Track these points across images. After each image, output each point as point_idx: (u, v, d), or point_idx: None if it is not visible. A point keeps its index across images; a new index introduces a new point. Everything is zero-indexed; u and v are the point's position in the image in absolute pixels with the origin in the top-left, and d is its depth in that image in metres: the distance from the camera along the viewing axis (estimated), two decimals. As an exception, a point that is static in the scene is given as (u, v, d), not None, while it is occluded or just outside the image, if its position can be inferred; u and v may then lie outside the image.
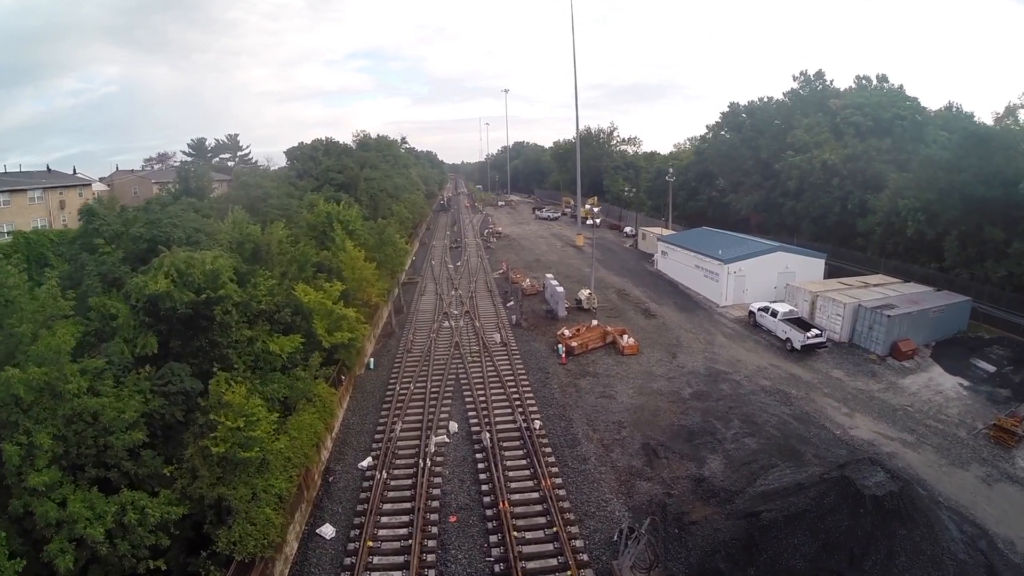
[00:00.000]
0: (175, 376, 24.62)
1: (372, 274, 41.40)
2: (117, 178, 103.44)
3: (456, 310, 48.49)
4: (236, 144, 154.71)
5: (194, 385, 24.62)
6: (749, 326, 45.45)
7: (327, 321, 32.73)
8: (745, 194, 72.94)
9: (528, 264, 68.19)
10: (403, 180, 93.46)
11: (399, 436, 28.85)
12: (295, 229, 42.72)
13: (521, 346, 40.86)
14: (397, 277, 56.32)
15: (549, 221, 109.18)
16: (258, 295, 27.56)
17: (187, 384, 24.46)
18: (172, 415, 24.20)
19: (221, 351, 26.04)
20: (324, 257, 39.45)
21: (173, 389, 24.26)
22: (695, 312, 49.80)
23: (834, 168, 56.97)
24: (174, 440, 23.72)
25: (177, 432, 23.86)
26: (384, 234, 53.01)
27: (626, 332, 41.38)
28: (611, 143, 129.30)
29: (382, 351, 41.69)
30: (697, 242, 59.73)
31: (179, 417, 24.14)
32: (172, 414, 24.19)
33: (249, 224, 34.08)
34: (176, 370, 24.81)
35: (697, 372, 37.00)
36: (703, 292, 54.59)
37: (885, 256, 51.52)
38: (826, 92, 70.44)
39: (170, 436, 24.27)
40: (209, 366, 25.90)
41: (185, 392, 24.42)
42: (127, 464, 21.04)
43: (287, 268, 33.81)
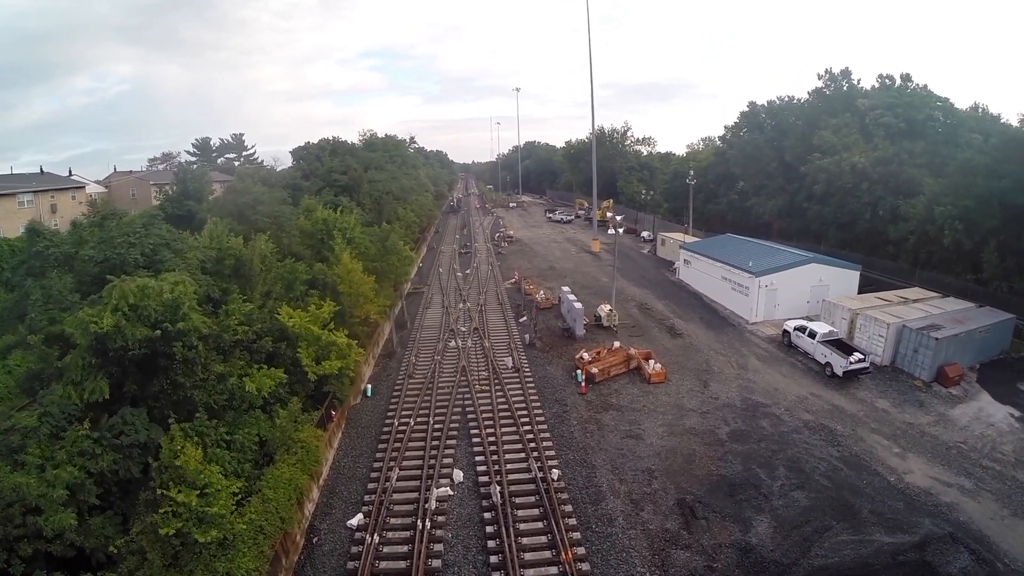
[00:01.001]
0: (128, 425, 20.95)
1: (371, 289, 37.60)
2: (114, 179, 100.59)
3: (464, 326, 44.53)
4: (241, 143, 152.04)
5: (153, 434, 20.96)
6: (783, 346, 41.42)
7: (315, 348, 28.91)
8: (768, 198, 69.36)
9: (541, 272, 64.14)
10: (410, 182, 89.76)
11: (395, 487, 24.92)
12: (288, 238, 39.02)
13: (535, 371, 36.81)
14: (401, 288, 52.47)
15: (562, 224, 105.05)
16: (231, 324, 23.75)
17: (142, 436, 20.77)
18: (127, 471, 20.56)
19: (186, 392, 22.26)
20: (318, 271, 35.68)
21: (127, 441, 20.60)
22: (724, 330, 45.58)
23: (864, 172, 53.42)
24: (134, 495, 20.16)
25: (139, 486, 20.27)
26: (387, 241, 49.27)
27: (652, 356, 37.25)
28: (625, 143, 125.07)
29: (381, 374, 37.81)
30: (723, 251, 55.44)
31: (135, 472, 20.50)
32: (127, 469, 20.55)
33: (230, 236, 30.39)
34: (130, 418, 21.12)
35: (733, 405, 32.86)
36: (731, 306, 50.38)
37: (918, 266, 48.24)
38: (853, 91, 66.47)
39: (129, 491, 20.69)
40: (172, 411, 22.22)
41: (141, 444, 20.76)
42: (72, 536, 17.52)
43: (272, 287, 30.00)
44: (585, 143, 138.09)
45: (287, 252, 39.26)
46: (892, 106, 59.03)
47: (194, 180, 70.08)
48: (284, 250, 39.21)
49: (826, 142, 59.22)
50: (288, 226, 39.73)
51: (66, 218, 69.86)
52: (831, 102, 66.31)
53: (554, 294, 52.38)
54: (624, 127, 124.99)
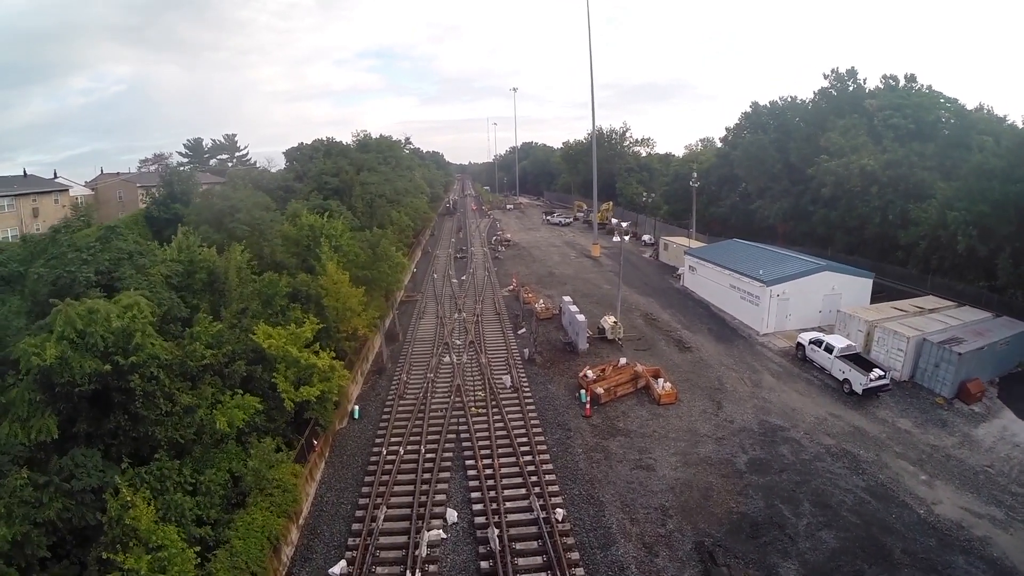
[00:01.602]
0: (80, 468, 18.46)
1: (359, 302, 35.10)
2: (101, 182, 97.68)
3: (459, 339, 41.98)
4: (234, 144, 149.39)
5: (109, 476, 18.49)
6: (797, 361, 39.24)
7: (294, 371, 26.40)
8: (773, 201, 67.38)
9: (540, 278, 61.66)
10: (405, 184, 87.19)
11: (382, 528, 22.41)
12: (270, 246, 36.50)
13: (536, 390, 34.30)
14: (393, 298, 49.98)
15: (561, 227, 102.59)
16: (197, 349, 21.23)
17: (94, 480, 18.28)
18: (81, 518, 18.10)
19: (147, 428, 19.75)
20: (301, 282, 33.14)
21: (79, 486, 18.11)
22: (734, 342, 43.23)
23: (873, 175, 51.55)
24: (95, 539, 17.82)
25: (96, 533, 17.88)
26: (378, 248, 46.80)
27: (660, 373, 34.86)
28: (624, 144, 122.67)
29: (370, 393, 35.26)
30: (730, 257, 53.08)
31: (90, 520, 18.04)
32: (81, 517, 18.08)
33: (201, 248, 27.88)
34: (81, 460, 18.62)
35: (749, 429, 30.49)
36: (740, 316, 48.04)
37: (930, 272, 46.40)
38: (860, 92, 64.22)
39: (88, 536, 18.28)
40: (132, 448, 19.76)
41: (95, 489, 18.29)
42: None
43: (247, 303, 27.44)
44: (583, 144, 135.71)
45: (269, 262, 36.76)
46: (901, 107, 57.09)
47: (181, 182, 67.88)
48: (266, 259, 36.72)
49: (834, 144, 57.17)
50: (270, 233, 37.12)
51: (48, 222, 67.45)
52: (838, 103, 64.35)
53: (554, 303, 49.94)
54: (623, 127, 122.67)
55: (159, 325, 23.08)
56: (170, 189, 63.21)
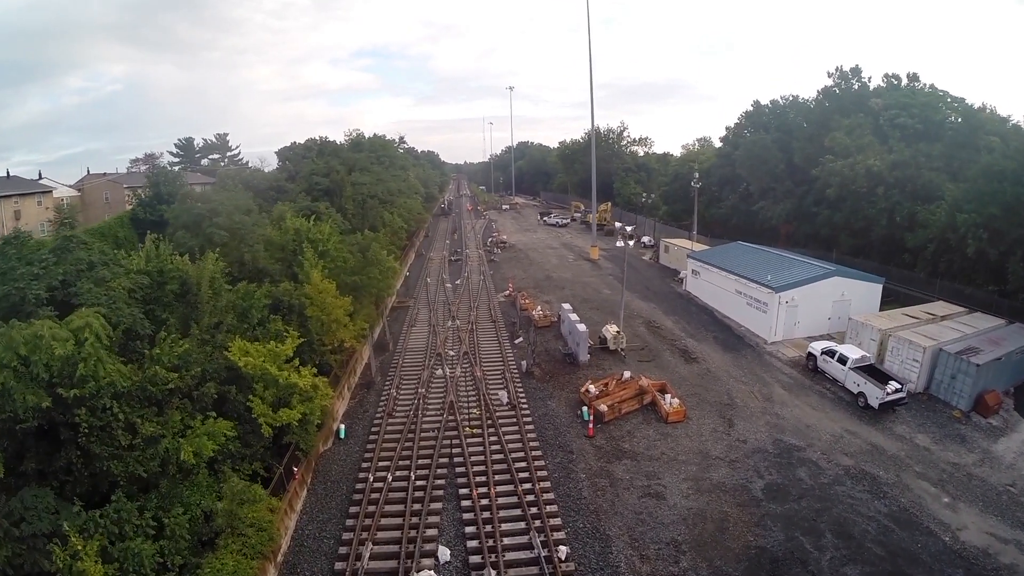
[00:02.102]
0: (30, 511, 16.36)
1: (345, 313, 32.99)
2: (87, 182, 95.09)
3: (452, 349, 39.88)
4: (225, 144, 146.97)
5: (64, 518, 16.42)
6: (808, 371, 37.40)
7: (272, 392, 24.28)
8: (776, 202, 65.80)
9: (538, 283, 59.60)
10: (398, 184, 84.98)
11: (367, 568, 20.32)
12: (251, 252, 34.31)
13: (534, 407, 32.24)
14: (384, 304, 47.85)
15: (558, 228, 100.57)
16: (158, 373, 19.10)
17: (46, 524, 16.21)
18: (34, 564, 16.07)
19: (102, 464, 17.62)
20: (282, 291, 31.00)
21: (29, 530, 16.02)
22: (741, 352, 41.29)
23: (880, 175, 50.07)
24: None
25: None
26: (368, 252, 44.71)
27: (667, 387, 32.88)
28: (621, 143, 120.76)
29: (357, 410, 33.11)
30: (735, 261, 51.14)
31: (44, 567, 15.99)
32: (33, 563, 16.06)
33: (173, 256, 25.73)
34: (32, 501, 16.53)
35: (764, 449, 28.54)
36: (746, 324, 46.12)
37: (938, 276, 44.99)
38: (864, 91, 62.52)
39: None
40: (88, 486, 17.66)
41: (47, 533, 16.22)
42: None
43: (222, 316, 25.28)
44: (580, 143, 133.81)
45: (252, 269, 34.60)
46: (907, 106, 55.79)
47: (168, 183, 65.70)
48: (248, 267, 34.56)
49: (839, 143, 55.64)
50: (251, 238, 34.90)
51: (31, 225, 65.15)
52: (842, 101, 62.69)
53: (552, 309, 47.93)
54: (621, 127, 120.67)
55: (122, 344, 20.94)
56: (156, 190, 61.50)
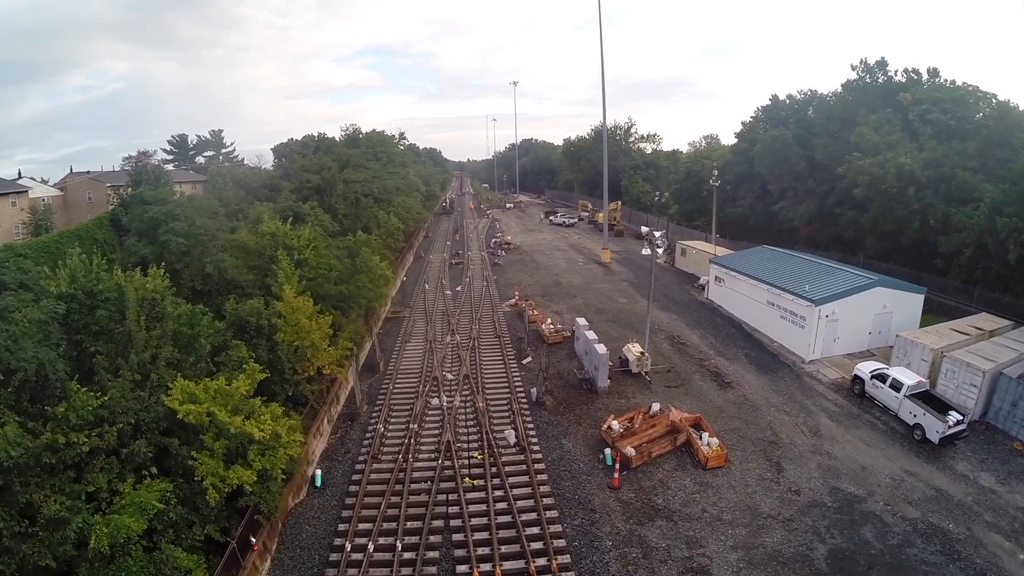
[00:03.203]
0: None
1: (324, 334, 27.96)
2: (70, 181, 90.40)
3: (451, 372, 34.79)
4: (220, 141, 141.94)
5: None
6: (853, 396, 32.60)
7: (224, 444, 19.27)
8: (797, 201, 61.26)
9: (546, 290, 54.41)
10: (397, 181, 79.93)
11: None
12: (213, 263, 29.30)
13: (547, 448, 27.04)
14: (375, 316, 42.78)
15: (564, 228, 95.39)
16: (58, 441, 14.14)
17: None
18: None
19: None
20: (248, 310, 25.98)
21: None
22: (778, 373, 36.21)
23: (912, 175, 45.90)
24: None
25: None
26: (358, 257, 39.76)
27: (702, 422, 27.79)
28: (628, 140, 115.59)
29: (338, 449, 28.01)
30: (765, 268, 45.98)
31: None
32: None
33: (102, 273, 20.79)
34: None
35: (821, 502, 23.57)
36: (780, 339, 41.03)
37: (974, 283, 42.17)
38: (891, 84, 57.63)
39: None
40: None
41: None
42: None
43: (159, 348, 20.24)
44: (586, 140, 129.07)
45: (218, 282, 29.63)
46: (939, 101, 51.57)
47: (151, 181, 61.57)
48: (215, 279, 29.58)
49: (866, 140, 51.61)
50: (214, 246, 29.83)
51: (4, 228, 60.86)
52: (868, 96, 58.10)
53: (564, 322, 42.88)
54: (628, 123, 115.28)
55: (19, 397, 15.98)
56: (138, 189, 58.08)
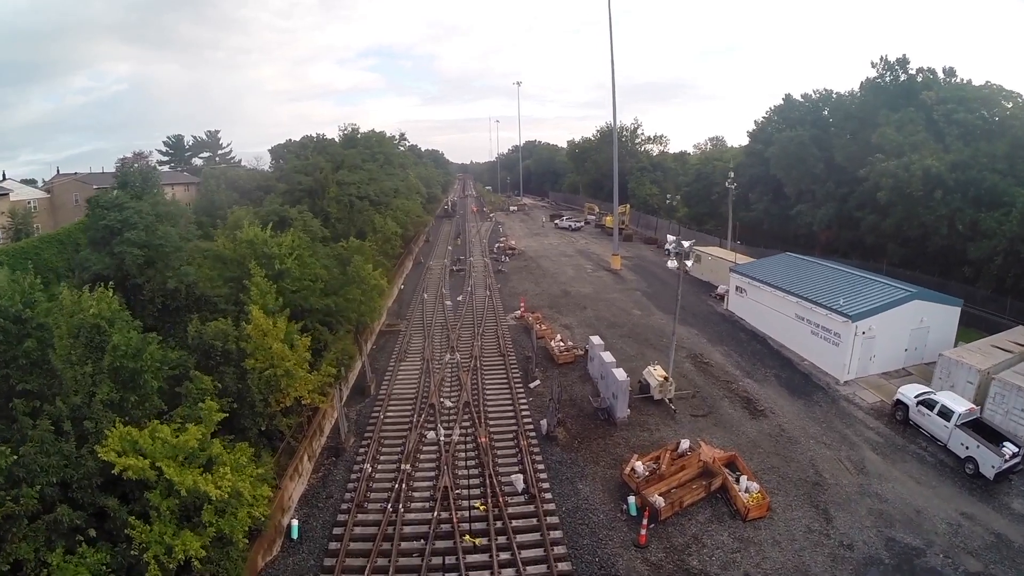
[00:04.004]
0: None
1: (301, 361, 24.35)
2: (57, 183, 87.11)
3: (450, 398, 31.09)
4: (216, 141, 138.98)
5: None
6: (895, 423, 29.18)
7: (174, 502, 15.69)
8: (816, 205, 58.55)
9: (553, 300, 50.71)
10: (396, 183, 76.38)
11: None
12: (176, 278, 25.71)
13: (561, 494, 23.22)
14: (368, 331, 39.18)
15: (571, 232, 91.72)
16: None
17: None
18: None
19: None
20: (211, 332, 22.41)
21: None
22: (812, 397, 32.62)
23: (938, 177, 43.31)
24: None
25: None
26: (349, 268, 36.25)
27: (737, 461, 24.15)
28: (635, 141, 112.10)
29: (319, 492, 24.27)
30: (790, 278, 42.38)
31: None
32: None
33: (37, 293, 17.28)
34: None
35: (877, 558, 20.31)
36: (811, 357, 37.41)
37: (1005, 293, 40.22)
38: (913, 83, 54.67)
39: None
40: None
41: None
42: None
43: (95, 388, 16.64)
44: (591, 141, 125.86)
45: (185, 299, 26.05)
46: (965, 100, 49.39)
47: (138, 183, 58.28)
48: (180, 297, 26.00)
49: (889, 140, 48.97)
50: (178, 258, 26.20)
51: (-18, 230, 57.81)
52: (890, 95, 55.23)
53: (574, 338, 39.28)
54: (634, 124, 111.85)
55: None
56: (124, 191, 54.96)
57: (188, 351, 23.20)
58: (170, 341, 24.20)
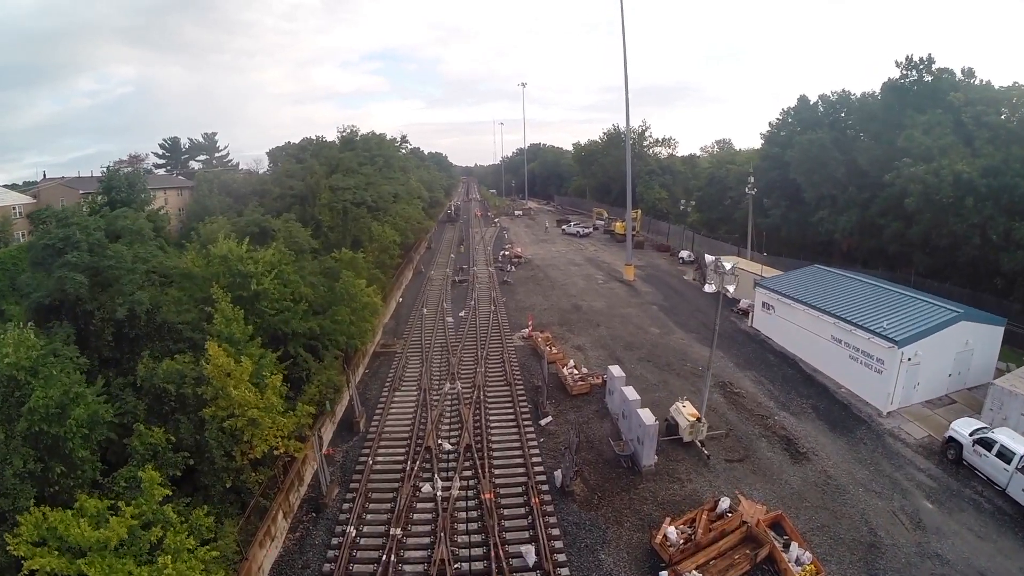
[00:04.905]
0: None
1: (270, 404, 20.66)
2: (43, 187, 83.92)
3: (450, 438, 27.30)
4: (213, 144, 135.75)
5: None
6: (945, 460, 26.11)
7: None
8: (838, 212, 55.20)
9: (563, 316, 46.86)
10: (396, 187, 72.83)
11: None
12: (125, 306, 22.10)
13: (579, 567, 19.25)
14: (359, 355, 35.49)
15: (579, 238, 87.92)
16: None
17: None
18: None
19: None
20: (164, 372, 18.79)
21: None
22: (855, 433, 28.98)
23: (970, 183, 40.38)
24: None
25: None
26: (338, 286, 32.69)
27: (784, 522, 20.43)
28: (643, 144, 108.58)
29: (295, 557, 20.48)
30: (823, 295, 38.72)
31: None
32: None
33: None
34: None
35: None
36: (848, 384, 33.87)
37: None
38: (939, 83, 51.21)
39: None
40: None
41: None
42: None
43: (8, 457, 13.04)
44: (598, 143, 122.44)
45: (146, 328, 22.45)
46: (995, 102, 46.52)
47: (123, 188, 55.12)
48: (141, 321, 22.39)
49: (916, 144, 45.83)
50: (130, 282, 22.56)
51: (-44, 236, 55.11)
52: (915, 96, 51.94)
53: (588, 363, 35.60)
54: (643, 126, 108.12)
55: None
56: (110, 197, 50.75)
57: (139, 394, 19.69)
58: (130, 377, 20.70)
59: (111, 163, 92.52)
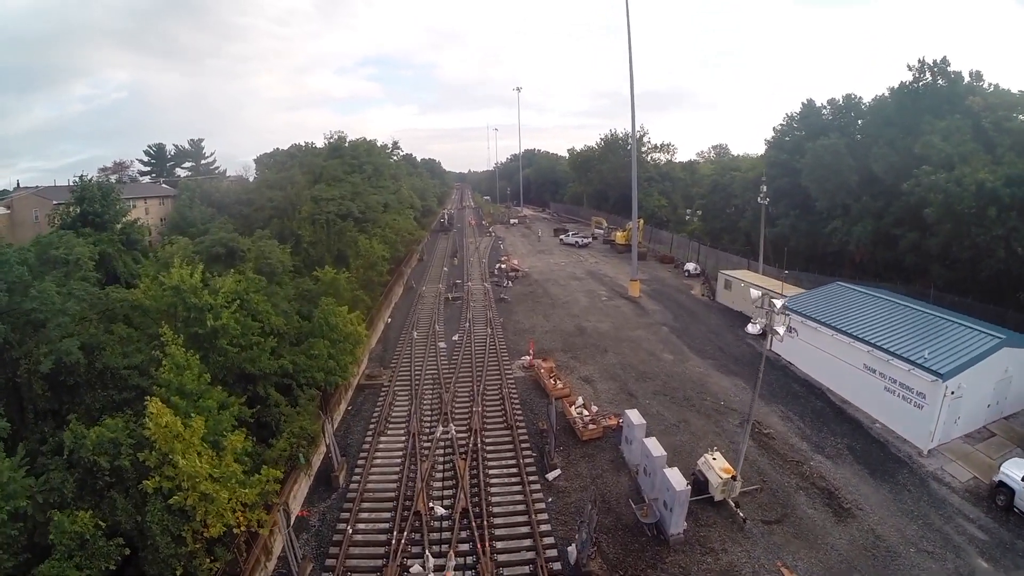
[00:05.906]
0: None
1: (228, 471, 17.07)
2: (16, 197, 79.89)
3: (445, 496, 23.66)
4: (200, 151, 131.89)
5: None
6: (994, 507, 23.36)
7: None
8: (852, 222, 52.61)
9: (567, 340, 43.20)
10: (386, 197, 69.35)
11: None
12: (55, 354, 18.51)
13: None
14: (338, 395, 31.79)
15: (578, 249, 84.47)
16: None
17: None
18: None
19: None
20: (98, 442, 15.22)
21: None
22: (895, 476, 25.93)
23: (993, 193, 37.89)
24: None
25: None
26: (316, 314, 29.18)
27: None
28: (642, 150, 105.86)
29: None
30: (852, 318, 35.52)
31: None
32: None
33: None
34: None
35: None
36: (881, 417, 30.88)
37: None
38: (956, 86, 48.87)
39: None
40: None
41: None
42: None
43: None
44: (594, 149, 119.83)
45: (86, 372, 18.85)
46: (1014, 106, 44.40)
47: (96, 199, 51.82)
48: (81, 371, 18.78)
49: (936, 151, 43.17)
50: (57, 327, 18.89)
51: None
52: (930, 100, 49.51)
53: (598, 396, 32.12)
54: (641, 131, 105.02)
55: None
56: (82, 208, 48.72)
57: (69, 464, 16.11)
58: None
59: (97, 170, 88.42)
